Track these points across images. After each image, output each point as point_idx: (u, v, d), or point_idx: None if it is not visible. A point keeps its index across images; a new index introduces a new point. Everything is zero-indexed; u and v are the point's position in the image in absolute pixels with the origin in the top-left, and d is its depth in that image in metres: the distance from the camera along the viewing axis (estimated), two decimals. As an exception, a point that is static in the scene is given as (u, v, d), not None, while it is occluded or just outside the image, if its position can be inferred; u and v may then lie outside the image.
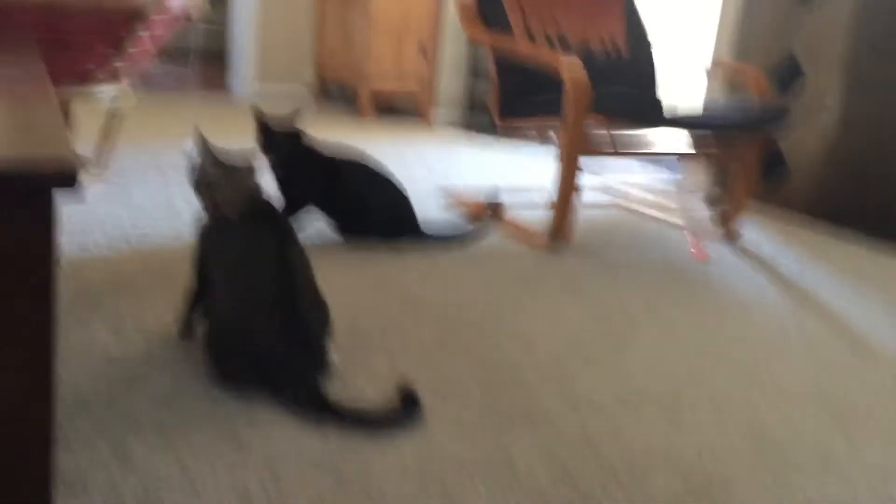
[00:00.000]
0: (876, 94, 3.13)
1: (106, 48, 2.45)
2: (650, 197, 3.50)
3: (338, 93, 5.53)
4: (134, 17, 2.37)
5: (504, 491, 1.28)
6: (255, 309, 1.48)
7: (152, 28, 2.54)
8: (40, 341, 0.90)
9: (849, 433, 1.58)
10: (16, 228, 0.83)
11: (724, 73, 3.60)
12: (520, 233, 2.76)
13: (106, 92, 2.61)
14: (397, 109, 5.23)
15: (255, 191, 1.59)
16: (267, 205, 1.60)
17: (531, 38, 2.99)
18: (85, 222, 2.38)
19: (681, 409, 1.61)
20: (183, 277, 1.76)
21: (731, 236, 2.97)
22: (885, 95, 3.11)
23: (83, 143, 3.10)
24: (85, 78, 2.50)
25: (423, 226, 2.53)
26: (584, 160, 2.58)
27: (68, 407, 1.39)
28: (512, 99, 2.90)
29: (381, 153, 3.78)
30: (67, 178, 0.79)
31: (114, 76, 2.65)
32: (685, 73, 4.18)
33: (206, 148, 1.60)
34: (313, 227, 2.52)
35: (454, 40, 4.84)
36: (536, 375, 1.69)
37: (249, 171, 1.58)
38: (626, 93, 2.44)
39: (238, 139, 3.55)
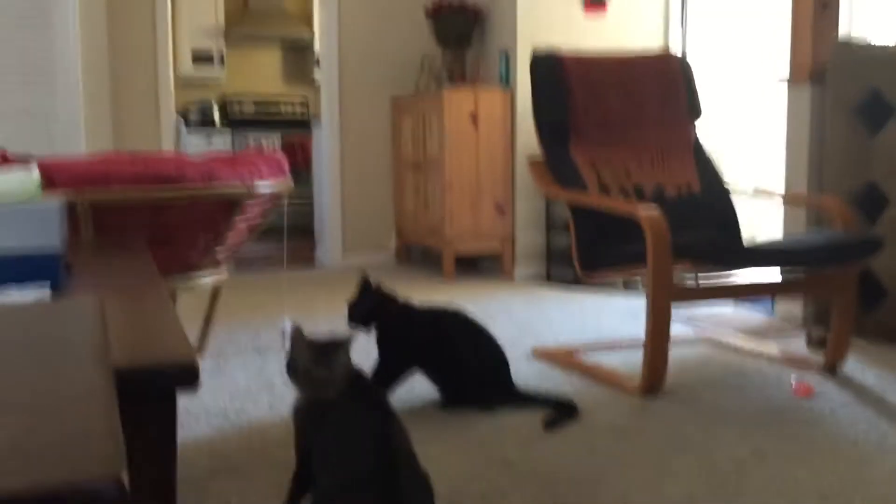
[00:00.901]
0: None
1: (207, 239, 2.62)
2: (741, 334, 3.42)
3: (420, 257, 5.69)
4: (231, 208, 2.54)
5: None
6: (358, 491, 1.48)
7: (247, 214, 2.71)
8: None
9: None
10: (143, 426, 0.88)
11: (803, 205, 3.58)
12: (610, 380, 2.71)
13: (207, 278, 2.76)
14: (479, 268, 5.34)
15: (351, 371, 1.64)
16: (364, 383, 1.64)
17: (605, 191, 3.06)
18: (188, 406, 2.45)
19: (811, 566, 1.51)
20: (286, 457, 1.79)
21: (832, 369, 2.85)
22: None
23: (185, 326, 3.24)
24: (188, 268, 2.66)
25: (517, 386, 2.52)
26: (672, 305, 2.56)
27: None
28: (593, 252, 2.93)
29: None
30: (190, 377, 0.84)
31: (214, 263, 2.80)
32: (762, 209, 4.17)
33: (300, 336, 1.66)
34: (406, 389, 2.54)
35: (529, 196, 4.98)
36: (651, 537, 1.62)
37: (344, 350, 1.63)
38: (709, 237, 2.45)
39: (327, 308, 3.66)
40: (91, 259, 1.67)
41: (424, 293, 4.47)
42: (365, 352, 2.52)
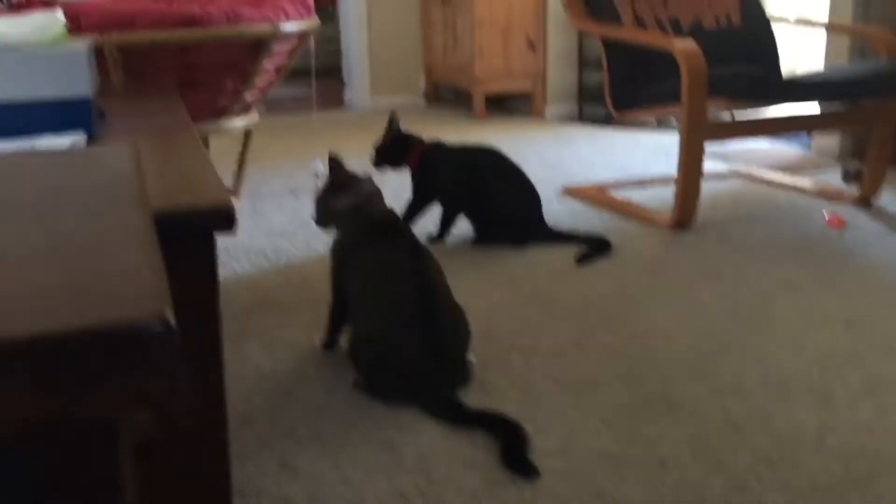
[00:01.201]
0: None
1: (235, 81, 2.60)
2: (775, 168, 3.38)
3: (451, 96, 5.60)
4: (257, 49, 2.50)
5: (654, 484, 1.29)
6: (399, 325, 1.55)
7: (275, 58, 2.67)
8: (212, 365, 0.98)
9: None
10: (185, 270, 0.91)
11: (847, 35, 3.43)
12: (641, 216, 2.73)
13: (237, 122, 2.76)
14: (510, 107, 5.26)
15: (381, 210, 1.68)
16: (397, 223, 1.68)
17: (641, 24, 2.95)
18: (227, 245, 2.53)
19: (832, 389, 1.57)
20: (324, 292, 1.85)
21: (866, 202, 2.83)
22: None
23: (218, 169, 3.28)
24: (219, 113, 2.66)
25: (549, 224, 2.55)
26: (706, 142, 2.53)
27: (233, 422, 1.50)
28: (627, 90, 2.87)
29: (499, 153, 3.81)
30: (227, 221, 0.86)
31: (244, 106, 2.79)
32: (803, 40, 4.00)
33: (337, 166, 1.70)
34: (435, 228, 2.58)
35: (561, 32, 4.82)
36: (676, 365, 1.69)
37: (371, 184, 1.68)
38: (747, 71, 2.37)
39: (356, 149, 3.66)
40: (123, 105, 1.68)
41: (455, 134, 4.44)
42: (396, 193, 2.55)
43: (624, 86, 2.90)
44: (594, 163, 3.62)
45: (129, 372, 0.42)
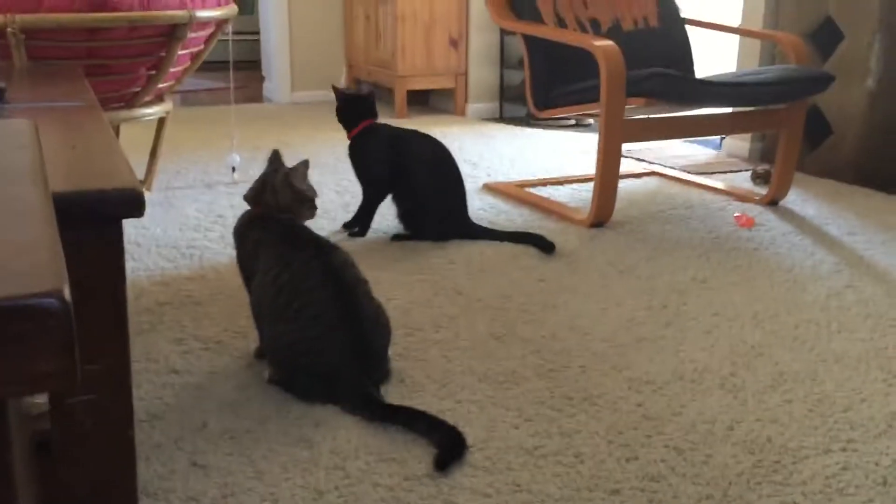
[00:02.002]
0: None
1: (148, 68, 2.51)
2: (689, 168, 3.47)
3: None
4: (172, 37, 2.42)
5: (571, 475, 1.30)
6: (314, 325, 1.50)
7: (190, 45, 2.60)
8: (117, 357, 0.94)
9: (915, 397, 1.57)
10: (89, 256, 0.87)
11: (758, 40, 3.55)
12: (559, 213, 2.76)
13: (150, 110, 2.67)
14: (432, 105, 5.25)
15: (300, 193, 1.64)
16: (298, 228, 1.63)
17: (562, 24, 2.98)
18: (139, 239, 2.44)
19: (741, 382, 1.61)
20: (239, 285, 1.81)
21: (774, 203, 2.93)
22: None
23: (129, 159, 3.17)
24: (131, 101, 2.56)
25: (472, 221, 2.54)
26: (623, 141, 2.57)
27: (141, 419, 1.44)
28: (547, 89, 2.90)
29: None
30: (134, 206, 0.82)
31: (158, 97, 2.71)
32: (717, 45, 4.12)
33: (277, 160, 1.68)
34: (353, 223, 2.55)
35: (484, 31, 4.84)
36: (593, 359, 1.71)
37: (299, 172, 1.64)
38: (663, 73, 2.42)
39: (275, 144, 3.60)
40: (25, 86, 1.60)
41: (376, 129, 4.40)
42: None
43: (544, 85, 2.93)
44: (514, 160, 3.64)
45: (20, 349, 0.40)
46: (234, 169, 3.18)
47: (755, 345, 1.79)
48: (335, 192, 3.03)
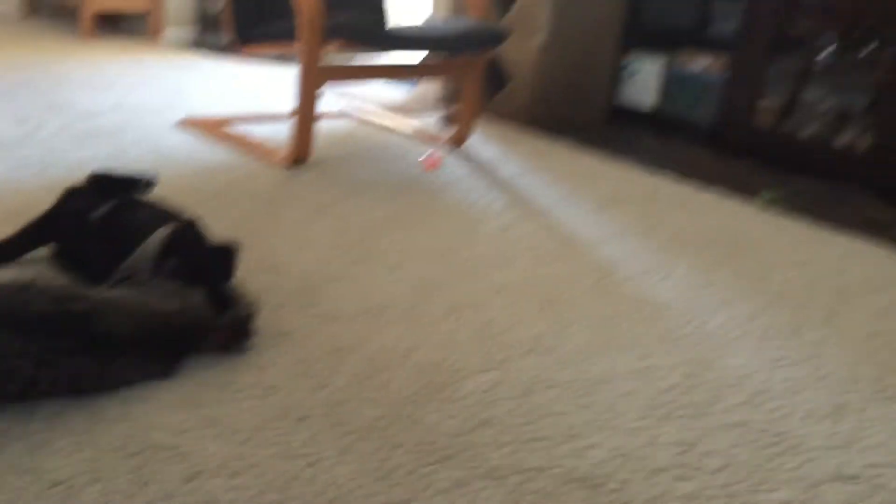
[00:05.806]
0: (580, 13, 3.47)
1: None
2: (384, 110, 3.66)
3: (53, 10, 5.09)
4: None
5: (264, 407, 1.40)
6: None
7: None
8: None
9: (559, 319, 1.86)
10: None
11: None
12: (259, 152, 2.80)
13: None
14: (122, 28, 4.93)
15: None
16: None
17: (260, -42, 2.97)
18: None
19: (419, 313, 1.80)
20: None
21: (458, 146, 3.21)
22: (589, 12, 3.45)
23: None
24: None
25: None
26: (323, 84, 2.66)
27: None
28: (248, 24, 2.88)
29: (106, 76, 3.59)
30: None
31: None
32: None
33: None
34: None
35: (179, -47, 4.62)
36: (288, 296, 1.81)
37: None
38: (358, 19, 2.53)
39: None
40: None
41: (56, 54, 4.06)
42: None
43: (246, 18, 2.91)
44: (215, 94, 3.58)
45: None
46: None
47: (434, 279, 2.00)
48: None
